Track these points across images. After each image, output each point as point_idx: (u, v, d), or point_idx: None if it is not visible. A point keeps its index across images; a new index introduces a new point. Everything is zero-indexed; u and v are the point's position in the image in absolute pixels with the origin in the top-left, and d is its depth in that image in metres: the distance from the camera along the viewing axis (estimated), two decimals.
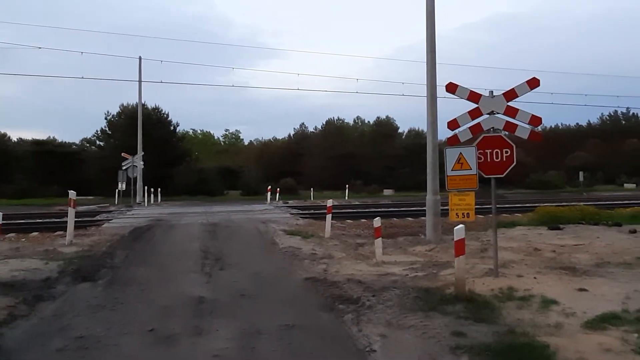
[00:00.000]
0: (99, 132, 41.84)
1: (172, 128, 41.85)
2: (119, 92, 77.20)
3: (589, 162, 42.99)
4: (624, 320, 4.50)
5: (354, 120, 54.84)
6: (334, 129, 50.74)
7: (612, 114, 53.72)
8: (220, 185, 38.24)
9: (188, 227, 13.78)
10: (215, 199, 32.61)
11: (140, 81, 29.42)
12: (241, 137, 65.56)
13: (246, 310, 5.37)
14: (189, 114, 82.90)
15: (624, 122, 53.49)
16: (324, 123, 52.39)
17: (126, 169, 26.52)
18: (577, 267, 6.81)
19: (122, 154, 27.10)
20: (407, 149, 41.86)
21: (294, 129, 55.83)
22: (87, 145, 42.99)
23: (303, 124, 55.41)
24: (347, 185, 32.51)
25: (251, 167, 43.04)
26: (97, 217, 17.65)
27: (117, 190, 26.49)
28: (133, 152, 27.39)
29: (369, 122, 53.60)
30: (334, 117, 52.71)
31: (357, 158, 44.44)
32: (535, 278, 6.23)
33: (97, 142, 42.32)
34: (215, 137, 64.12)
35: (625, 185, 41.44)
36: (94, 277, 7.05)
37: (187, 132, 55.12)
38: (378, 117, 51.25)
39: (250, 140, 64.54)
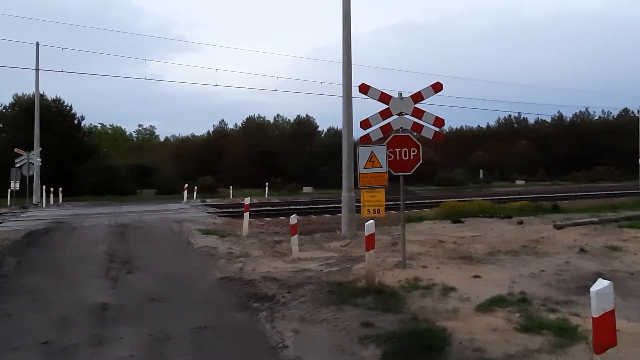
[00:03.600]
0: None
1: (76, 122, 38.49)
2: (13, 81, 69.05)
3: (487, 161, 47.36)
4: (509, 302, 5.04)
5: (275, 118, 54.89)
6: (254, 126, 50.27)
7: (507, 117, 59.82)
8: (132, 183, 35.96)
9: (93, 230, 12.77)
10: (127, 198, 30.58)
11: (37, 69, 26.68)
12: (156, 133, 62.28)
13: (155, 315, 5.13)
14: (97, 107, 76.68)
15: (516, 125, 59.88)
16: (244, 120, 51.82)
17: (20, 167, 23.88)
18: (473, 256, 7.48)
19: (16, 150, 24.43)
20: (327, 147, 42.67)
21: (213, 125, 54.49)
22: None
23: (222, 120, 54.23)
24: (267, 183, 32.37)
25: (167, 164, 40.99)
26: None
27: (9, 190, 23.72)
28: (29, 148, 24.76)
29: (289, 120, 53.98)
30: (254, 115, 52.28)
31: (278, 156, 44.51)
32: (438, 268, 6.72)
33: None
34: (128, 133, 60.27)
35: (517, 181, 46.42)
36: None
37: (95, 126, 51.23)
38: (298, 116, 51.81)
39: (167, 137, 61.61)
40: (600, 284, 2.85)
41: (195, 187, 27.77)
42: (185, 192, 25.44)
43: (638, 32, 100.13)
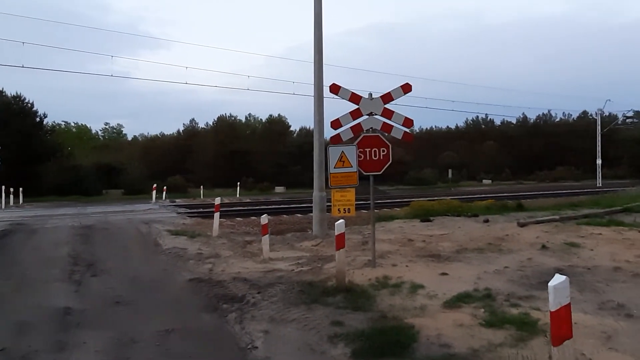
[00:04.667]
0: None
1: (38, 119, 36.93)
2: None
3: (456, 161, 48.54)
4: (475, 298, 5.19)
5: (246, 118, 54.43)
6: (225, 125, 49.69)
7: (475, 119, 61.52)
8: (98, 184, 34.79)
9: (55, 231, 12.31)
10: (92, 199, 29.59)
11: None
12: (124, 132, 60.56)
13: (120, 319, 4.99)
14: (61, 104, 73.94)
15: (483, 126, 61.65)
16: (215, 119, 51.17)
17: None
18: (441, 254, 7.65)
19: None
20: (299, 147, 42.71)
21: (184, 124, 53.61)
22: None
23: (193, 119, 53.38)
24: (238, 183, 32.05)
25: (135, 164, 39.93)
26: None
27: None
28: None
29: (261, 119, 53.64)
30: (225, 114, 51.67)
31: (249, 155, 44.17)
32: (407, 266, 6.84)
33: None
34: (94, 132, 58.32)
35: (484, 181, 47.79)
36: None
37: (59, 124, 49.35)
38: (270, 115, 51.55)
39: (135, 136, 60.11)
40: (558, 279, 2.98)
41: (165, 187, 27.21)
42: (154, 192, 24.86)
43: (596, 37, 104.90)
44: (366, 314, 4.86)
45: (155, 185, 25.59)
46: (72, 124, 54.64)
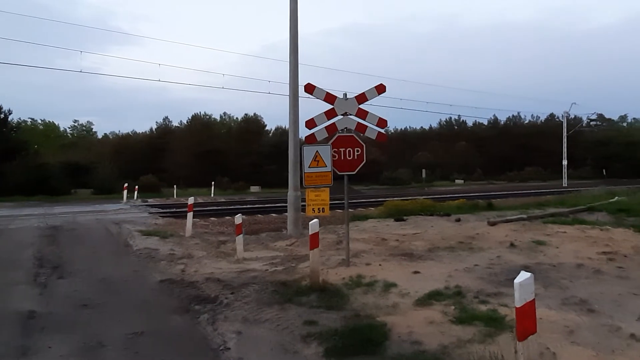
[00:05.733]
0: None
1: (2, 116, 35.45)
2: None
3: (430, 161, 49.35)
4: (445, 295, 5.29)
5: (221, 116, 53.83)
6: (200, 124, 49.02)
7: (448, 120, 62.75)
8: (66, 183, 33.61)
9: (20, 232, 11.86)
10: (60, 199, 28.58)
11: None
12: (94, 130, 58.85)
13: (88, 322, 4.86)
14: (27, 101, 71.08)
15: (456, 127, 62.98)
16: (190, 118, 50.44)
17: None
18: (414, 253, 7.76)
19: None
20: (274, 146, 42.47)
21: (157, 122, 52.64)
22: None
23: (167, 117, 52.54)
24: (213, 182, 31.64)
25: (105, 162, 38.83)
26: None
27: None
28: None
29: (236, 118, 53.14)
30: (200, 112, 50.99)
31: (224, 154, 43.71)
32: (380, 265, 6.91)
33: None
34: (62, 129, 56.40)
35: (456, 181, 48.80)
36: None
37: (24, 121, 47.58)
38: (246, 114, 51.12)
39: (105, 134, 58.49)
40: (523, 276, 3.08)
41: (136, 187, 26.57)
42: (125, 191, 24.24)
43: (563, 43, 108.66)
44: (339, 312, 4.89)
45: (126, 184, 24.95)
46: (39, 121, 52.82)
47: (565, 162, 42.79)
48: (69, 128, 57.71)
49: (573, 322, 4.36)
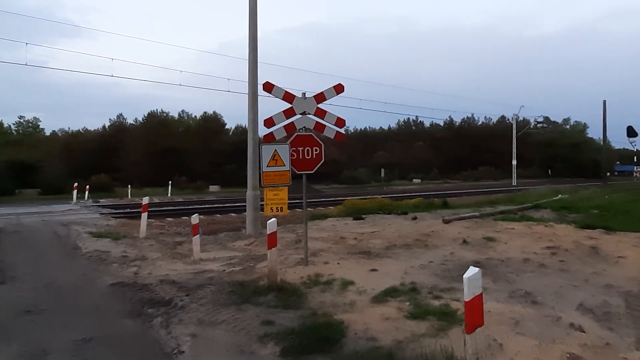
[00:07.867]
0: None
1: None
2: None
3: (389, 161, 50.37)
4: (401, 292, 5.42)
5: (179, 114, 52.47)
6: (156, 121, 47.59)
7: (406, 120, 64.33)
8: (10, 182, 31.59)
9: None
10: (3, 199, 26.81)
11: None
12: (41, 127, 55.53)
13: (31, 329, 4.59)
14: None
15: (414, 127, 64.70)
16: (145, 115, 48.85)
17: None
18: (372, 251, 7.89)
19: None
20: (234, 145, 41.91)
21: (110, 119, 50.65)
22: None
23: (121, 114, 50.59)
24: (170, 182, 30.78)
25: (53, 161, 36.83)
26: None
27: None
28: None
29: (195, 116, 51.99)
30: (157, 110, 49.51)
31: (182, 153, 42.64)
32: (338, 263, 6.97)
33: None
34: (5, 125, 52.84)
35: (414, 180, 50.13)
36: None
37: None
38: (205, 113, 50.16)
39: (54, 131, 55.38)
40: (471, 271, 3.20)
41: (87, 187, 25.39)
42: (75, 191, 23.10)
43: (512, 48, 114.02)
44: (297, 312, 4.89)
45: (76, 184, 23.78)
46: None
47: (514, 162, 44.93)
48: (14, 124, 54.18)
49: (519, 313, 4.58)
